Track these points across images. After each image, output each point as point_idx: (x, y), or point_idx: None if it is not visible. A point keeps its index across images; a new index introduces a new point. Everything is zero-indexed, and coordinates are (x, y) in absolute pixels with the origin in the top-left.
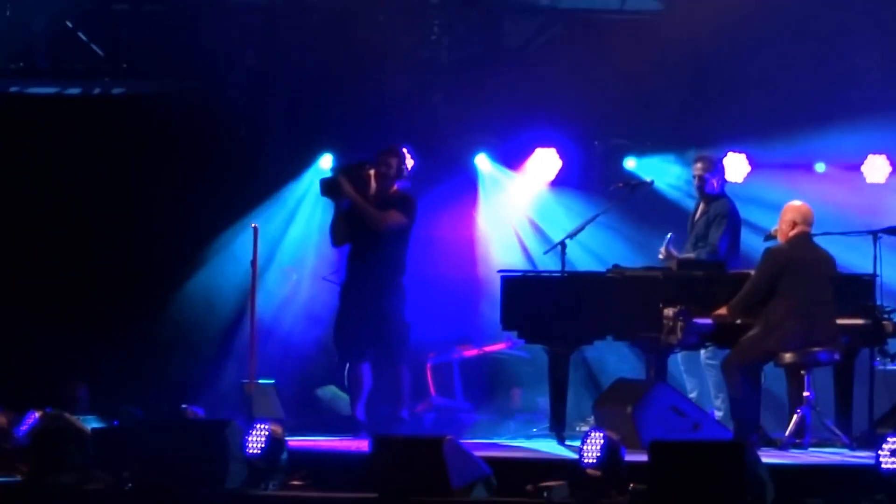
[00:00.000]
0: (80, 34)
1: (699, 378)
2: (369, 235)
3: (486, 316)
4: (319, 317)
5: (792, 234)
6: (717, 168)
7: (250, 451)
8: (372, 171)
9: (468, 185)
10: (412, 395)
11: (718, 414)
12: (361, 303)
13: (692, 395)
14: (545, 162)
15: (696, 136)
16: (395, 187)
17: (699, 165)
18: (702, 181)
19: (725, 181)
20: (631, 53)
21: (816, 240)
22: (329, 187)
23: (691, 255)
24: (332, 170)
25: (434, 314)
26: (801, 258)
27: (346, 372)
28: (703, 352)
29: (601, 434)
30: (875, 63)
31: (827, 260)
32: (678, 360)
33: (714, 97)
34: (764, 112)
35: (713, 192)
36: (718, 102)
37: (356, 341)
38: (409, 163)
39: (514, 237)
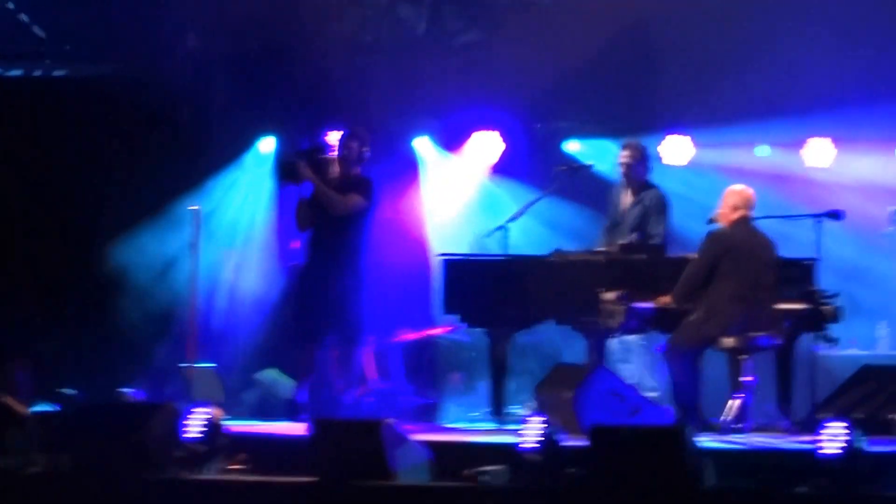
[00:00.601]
0: (22, 16)
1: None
2: (329, 219)
3: (427, 299)
4: (260, 299)
5: (733, 218)
6: (643, 155)
7: (190, 435)
8: (334, 155)
9: (409, 167)
10: (354, 379)
11: (651, 395)
12: (321, 286)
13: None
14: (486, 145)
15: (638, 119)
16: (356, 171)
17: (626, 153)
18: (628, 168)
19: (651, 168)
20: (573, 35)
21: (758, 223)
22: (289, 171)
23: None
24: (292, 154)
25: (375, 297)
26: (742, 242)
27: (296, 354)
28: None
29: (541, 418)
30: (819, 45)
31: (768, 244)
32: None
33: (656, 80)
34: (706, 95)
35: (640, 180)
36: (661, 85)
37: (313, 324)
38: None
39: (454, 220)
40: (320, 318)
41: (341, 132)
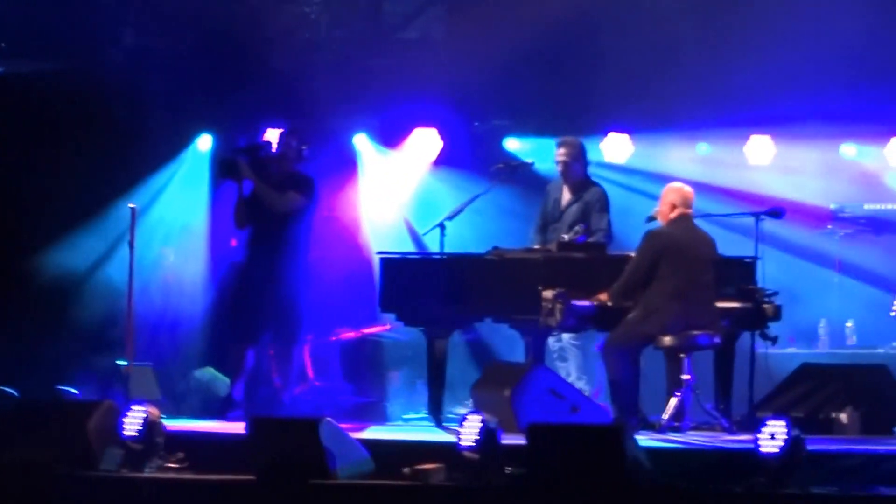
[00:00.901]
0: None
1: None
2: (269, 217)
3: (365, 298)
4: (197, 298)
5: (672, 216)
6: (581, 153)
7: (127, 433)
8: (273, 152)
9: (348, 165)
10: (291, 377)
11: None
12: (260, 284)
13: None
14: (425, 142)
15: (578, 117)
16: (296, 169)
17: (563, 151)
18: (566, 167)
19: (588, 164)
20: (513, 33)
21: (698, 221)
22: (228, 169)
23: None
24: (231, 151)
25: (313, 295)
26: (681, 240)
27: (232, 352)
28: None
29: (479, 417)
30: (759, 41)
31: (707, 242)
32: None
33: (596, 78)
34: (646, 92)
35: (579, 177)
36: (601, 83)
37: (252, 322)
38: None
39: (393, 218)
40: (259, 316)
41: (280, 129)
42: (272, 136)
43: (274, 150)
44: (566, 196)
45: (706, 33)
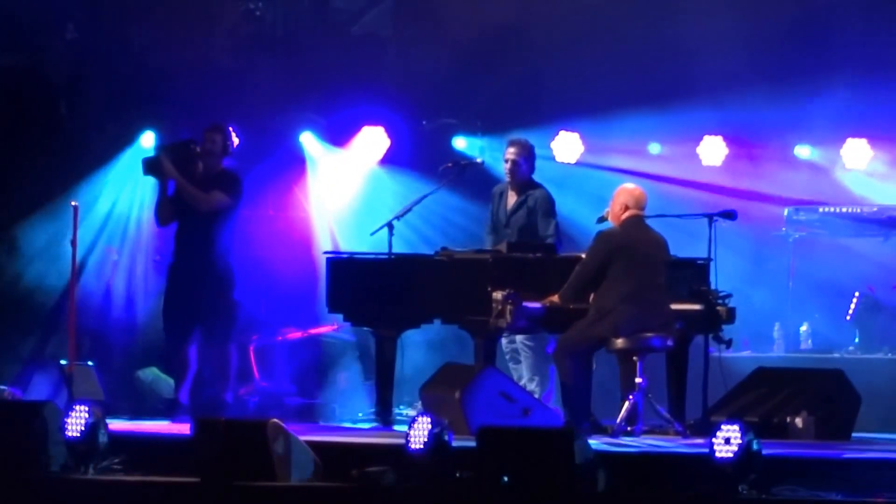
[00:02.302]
0: None
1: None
2: (194, 215)
3: (312, 298)
4: (141, 297)
5: (624, 217)
6: (530, 153)
7: (69, 434)
8: (198, 149)
9: (294, 163)
10: (236, 378)
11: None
12: (189, 283)
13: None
14: (373, 140)
15: (527, 116)
16: (223, 167)
17: (513, 150)
18: (515, 165)
19: (534, 166)
20: (461, 31)
21: (652, 222)
22: (151, 166)
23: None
24: (155, 148)
25: (258, 295)
26: (633, 242)
27: (175, 353)
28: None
29: (428, 419)
30: (710, 42)
31: (659, 243)
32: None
33: (546, 75)
34: (597, 91)
35: (525, 179)
36: (551, 81)
37: (184, 322)
38: (235, 140)
39: (340, 217)
40: (188, 314)
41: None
42: (203, 132)
43: (202, 146)
44: (511, 199)
45: (659, 31)
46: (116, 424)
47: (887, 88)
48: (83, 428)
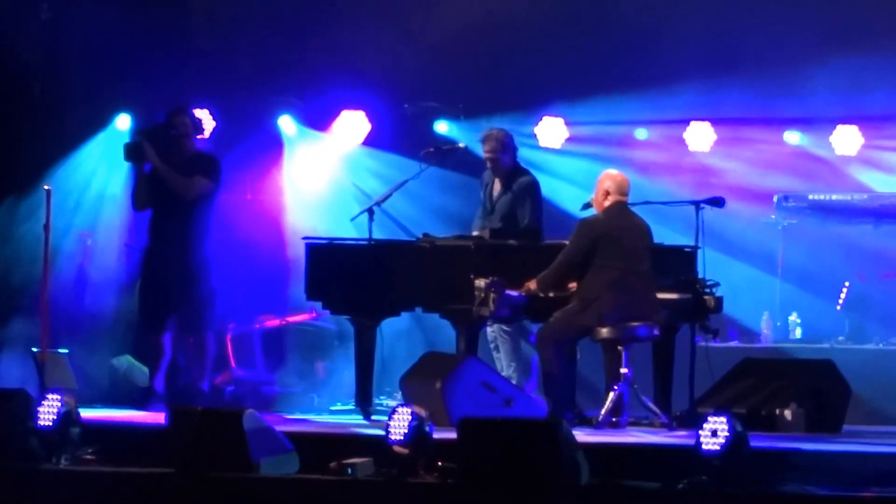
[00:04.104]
0: None
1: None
2: (172, 200)
3: (291, 285)
4: (115, 283)
5: (607, 203)
6: (505, 143)
7: (41, 423)
8: (173, 134)
9: (273, 147)
10: (212, 367)
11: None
12: (165, 269)
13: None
14: (353, 124)
15: (510, 100)
16: (198, 149)
17: (488, 147)
18: (494, 161)
19: (517, 149)
20: (444, 13)
21: (638, 209)
22: (133, 152)
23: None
24: (136, 133)
25: (235, 282)
26: (616, 229)
27: (148, 341)
28: None
29: (409, 410)
30: (698, 26)
31: (643, 230)
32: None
33: (530, 59)
34: (582, 75)
35: (508, 168)
36: (534, 65)
37: (159, 309)
38: (211, 124)
39: (320, 202)
40: (164, 301)
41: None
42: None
43: (172, 130)
44: (497, 187)
45: (646, 14)
46: (89, 413)
47: (879, 74)
48: (55, 417)
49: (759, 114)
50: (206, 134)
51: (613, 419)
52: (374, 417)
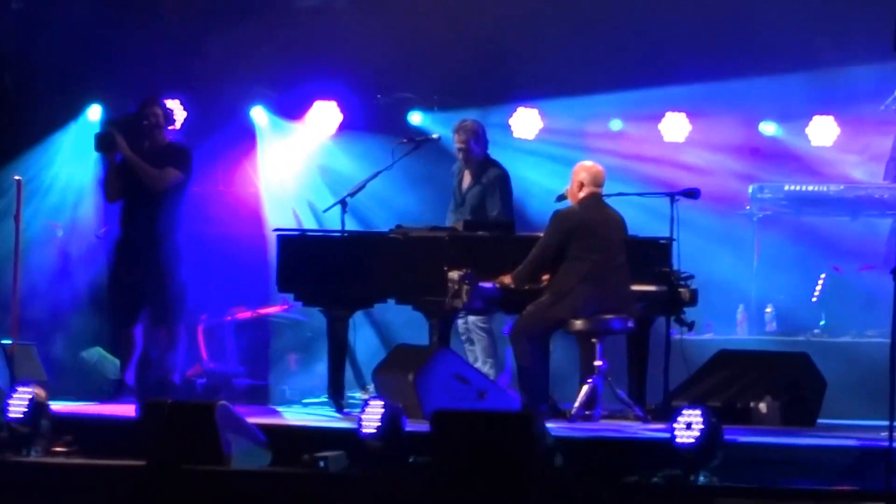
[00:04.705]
0: None
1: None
2: (144, 191)
3: (262, 276)
4: (86, 275)
5: (582, 195)
6: (477, 134)
7: (11, 416)
8: (145, 124)
9: (245, 138)
10: (184, 359)
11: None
12: (136, 261)
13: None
14: (325, 115)
15: (485, 91)
16: (169, 140)
17: (458, 137)
18: (465, 151)
19: (488, 141)
20: (417, 3)
21: (614, 201)
22: (104, 143)
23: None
24: (107, 124)
25: (206, 274)
26: (590, 221)
27: (119, 333)
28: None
29: (381, 402)
30: (674, 17)
31: (617, 222)
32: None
33: (505, 50)
34: (556, 67)
35: (479, 159)
36: (509, 56)
37: (130, 301)
38: (182, 114)
39: (292, 193)
40: (135, 293)
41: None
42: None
43: (143, 121)
44: (467, 178)
45: (621, 5)
46: (60, 406)
47: (854, 65)
48: (25, 409)
49: (734, 105)
50: (178, 125)
51: (587, 412)
52: (346, 410)
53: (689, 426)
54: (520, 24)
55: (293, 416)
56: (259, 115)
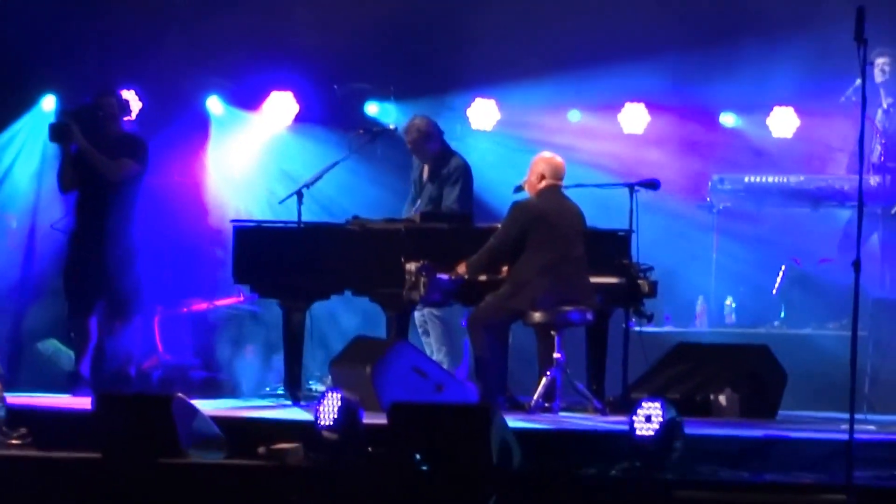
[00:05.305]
0: None
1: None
2: (99, 182)
3: (218, 268)
4: (41, 266)
5: (540, 186)
6: (426, 131)
7: None
8: (100, 114)
9: (200, 128)
10: (140, 351)
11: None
12: (92, 252)
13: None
14: (281, 106)
15: (442, 81)
16: (125, 131)
17: (409, 137)
18: (417, 151)
19: (442, 134)
20: None
21: (572, 192)
22: (59, 133)
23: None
24: (62, 114)
25: (162, 265)
26: (549, 212)
27: (74, 325)
28: None
29: (338, 395)
30: (631, 8)
31: (576, 213)
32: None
33: (462, 40)
34: (515, 57)
35: (433, 154)
36: (466, 46)
37: (86, 292)
38: (138, 105)
39: (248, 184)
40: (90, 285)
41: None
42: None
43: (99, 112)
44: (427, 170)
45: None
46: (15, 398)
47: (814, 55)
48: None
49: (694, 96)
50: (133, 115)
51: (546, 404)
52: (303, 402)
53: (648, 419)
54: (477, 13)
55: (249, 408)
56: (215, 105)
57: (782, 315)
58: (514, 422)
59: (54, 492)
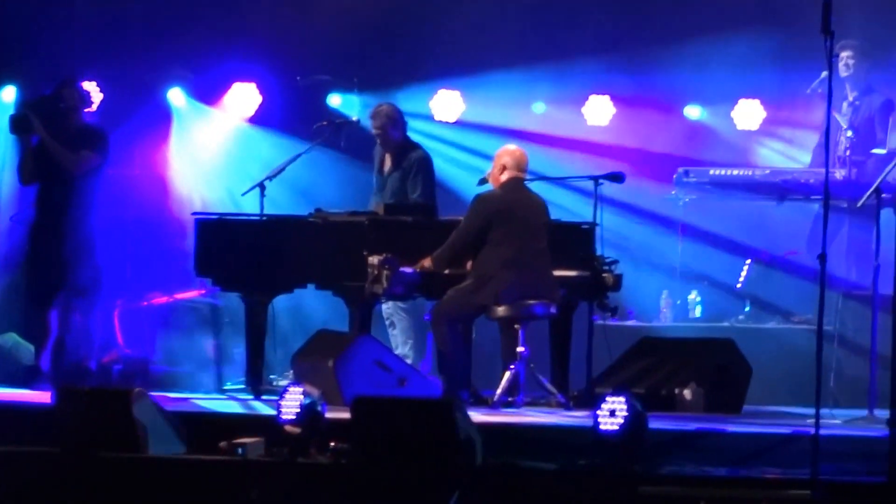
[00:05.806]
0: None
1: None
2: (59, 174)
3: (179, 260)
4: (0, 258)
5: (504, 179)
6: (394, 118)
7: None
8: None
9: (162, 120)
10: (100, 345)
11: (407, 361)
12: (51, 244)
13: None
14: (244, 97)
15: (405, 73)
16: (85, 122)
17: (377, 123)
18: (384, 137)
19: (406, 124)
20: None
21: (537, 185)
22: (19, 124)
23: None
24: (22, 105)
25: (123, 258)
26: (512, 205)
27: (34, 318)
28: None
29: (300, 389)
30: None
31: (540, 206)
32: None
33: (426, 31)
34: (479, 48)
35: (397, 143)
36: (430, 37)
37: (46, 285)
38: (98, 96)
39: (210, 176)
40: (50, 278)
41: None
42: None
43: (59, 104)
44: (388, 162)
45: None
46: None
47: (781, 48)
48: None
49: (659, 88)
50: (94, 107)
51: (509, 399)
52: (265, 396)
53: (612, 413)
54: (441, 5)
55: (210, 402)
56: (176, 97)
57: (747, 309)
58: (477, 416)
59: (13, 486)
